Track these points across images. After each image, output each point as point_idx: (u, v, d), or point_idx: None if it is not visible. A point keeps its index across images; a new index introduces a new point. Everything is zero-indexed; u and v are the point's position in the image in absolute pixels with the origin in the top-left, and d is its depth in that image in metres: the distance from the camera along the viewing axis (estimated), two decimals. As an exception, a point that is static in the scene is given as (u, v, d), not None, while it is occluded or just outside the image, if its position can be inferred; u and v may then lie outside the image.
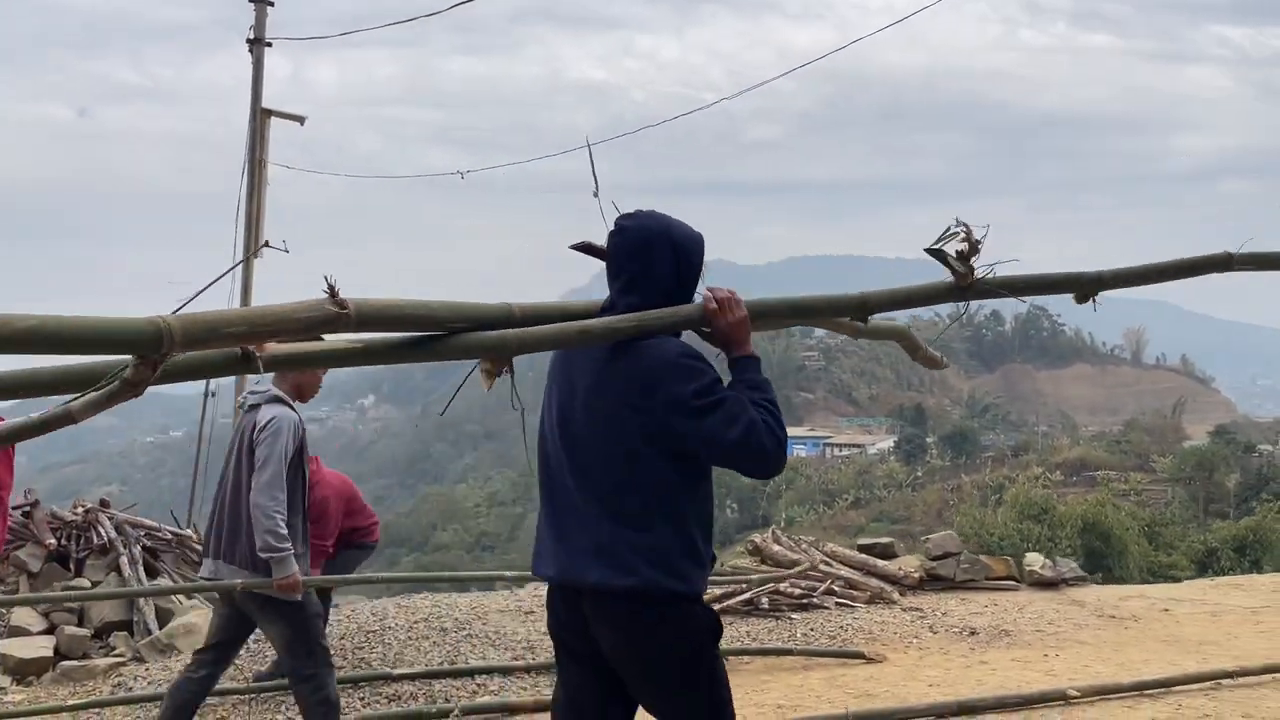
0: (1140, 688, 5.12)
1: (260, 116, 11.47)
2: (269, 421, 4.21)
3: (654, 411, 2.48)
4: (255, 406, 4.31)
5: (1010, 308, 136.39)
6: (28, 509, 7.80)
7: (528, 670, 5.87)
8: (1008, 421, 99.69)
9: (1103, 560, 27.90)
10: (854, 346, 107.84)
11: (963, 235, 2.84)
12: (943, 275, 3.01)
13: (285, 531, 4.14)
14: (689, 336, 2.69)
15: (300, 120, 11.84)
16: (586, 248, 2.70)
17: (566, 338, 2.50)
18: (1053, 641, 6.33)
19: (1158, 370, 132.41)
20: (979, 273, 2.87)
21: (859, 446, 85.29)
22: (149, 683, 5.98)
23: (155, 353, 1.94)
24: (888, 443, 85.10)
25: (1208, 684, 5.22)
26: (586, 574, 2.52)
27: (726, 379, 2.61)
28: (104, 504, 8.45)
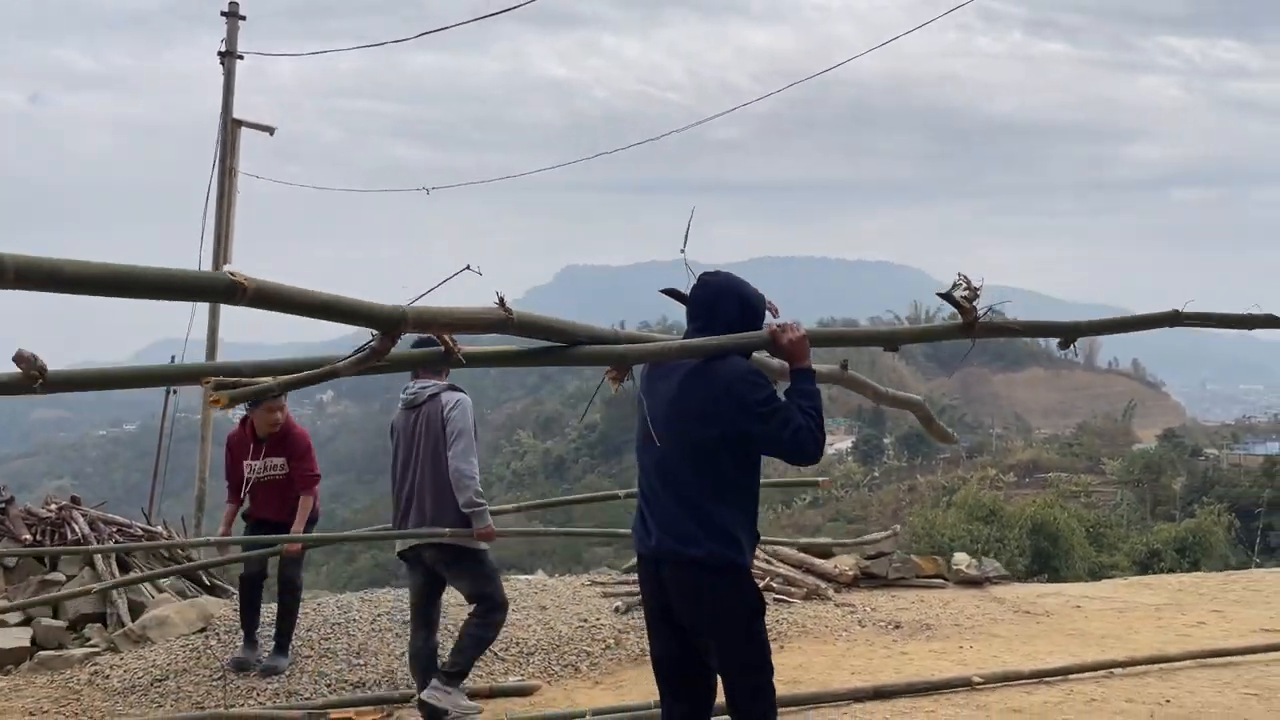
0: (1039, 675, 5.66)
1: (230, 127, 11.79)
2: (456, 402, 5.13)
3: (727, 415, 3.21)
4: (435, 395, 5.17)
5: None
6: (3, 505, 8.10)
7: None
8: (963, 423, 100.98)
9: (1050, 560, 28.74)
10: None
11: (964, 286, 3.65)
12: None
13: (482, 489, 5.06)
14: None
15: (270, 130, 12.17)
16: (673, 293, 3.53)
17: (669, 352, 3.33)
18: (969, 635, 6.87)
19: (1110, 374, 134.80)
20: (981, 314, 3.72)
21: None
22: (125, 671, 6.34)
23: (394, 329, 2.73)
24: (846, 443, 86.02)
25: (1100, 672, 5.78)
26: (664, 547, 3.28)
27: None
28: (75, 501, 8.76)
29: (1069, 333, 3.94)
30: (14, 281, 2.22)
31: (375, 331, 2.70)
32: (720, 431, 3.22)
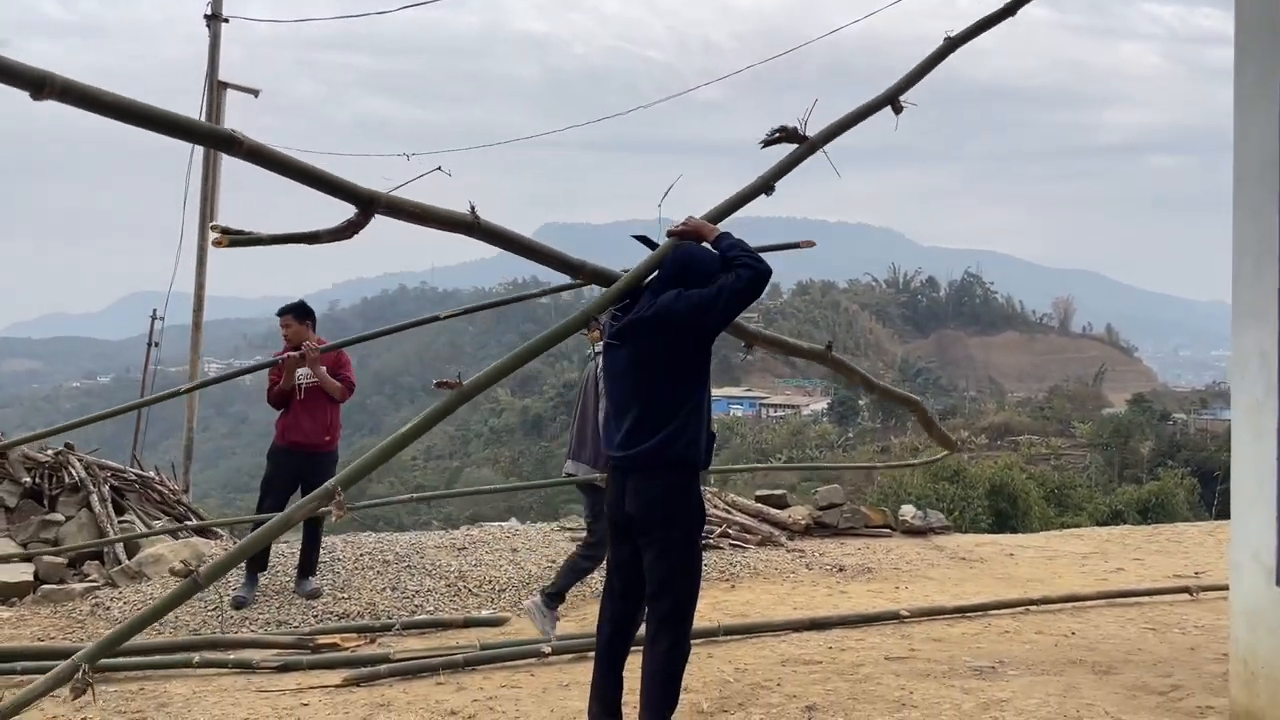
0: (961, 610, 6.26)
1: (216, 89, 12.10)
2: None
3: (679, 329, 3.75)
4: (595, 356, 5.81)
5: (945, 275, 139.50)
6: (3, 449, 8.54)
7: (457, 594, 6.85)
8: (938, 386, 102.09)
9: (1009, 521, 29.54)
10: (792, 309, 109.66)
11: (780, 132, 4.26)
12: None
13: None
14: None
15: (255, 93, 12.49)
16: (645, 240, 4.12)
17: (608, 298, 4.00)
18: (906, 577, 7.46)
19: (1084, 339, 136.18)
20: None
21: (794, 407, 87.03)
22: (124, 603, 6.83)
23: (368, 207, 3.28)
24: (822, 404, 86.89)
25: (1018, 609, 6.38)
26: (631, 450, 3.82)
27: None
28: (69, 447, 9.21)
29: (891, 101, 4.54)
30: (59, 95, 2.79)
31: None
32: (677, 345, 3.78)
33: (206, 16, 12.34)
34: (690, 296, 3.77)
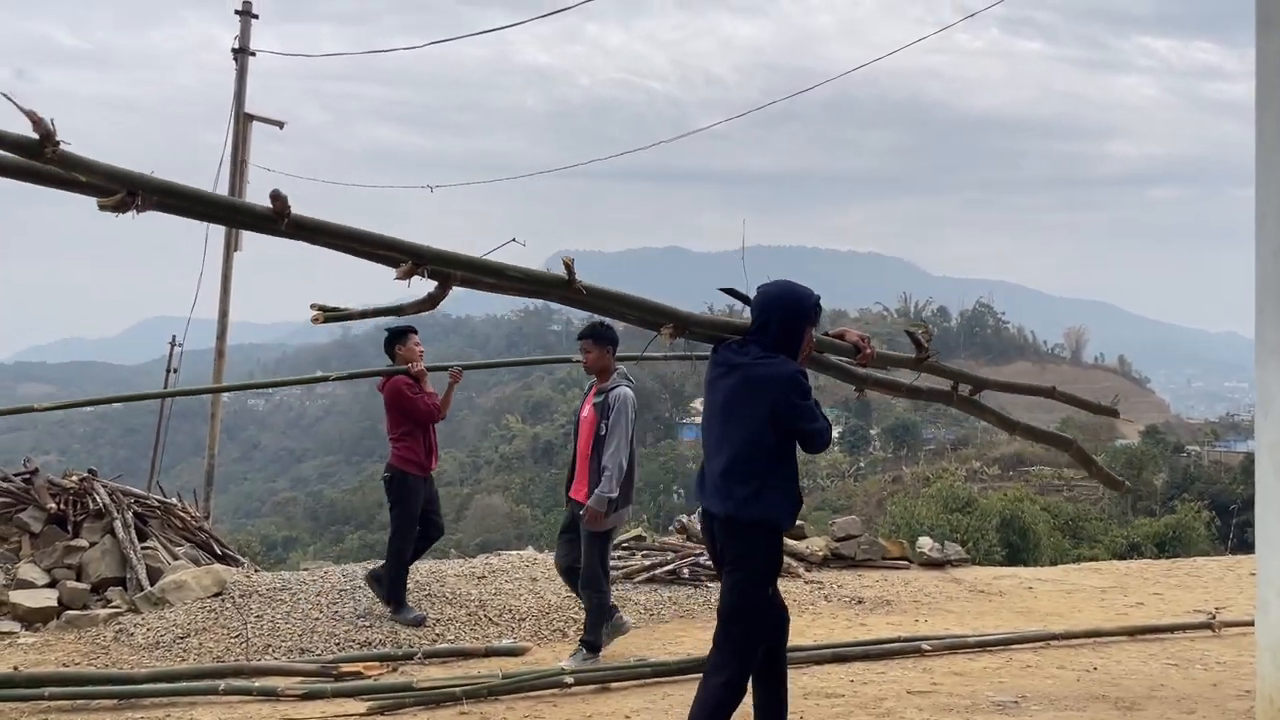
0: (983, 644, 6.26)
1: (243, 121, 12.26)
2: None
3: (774, 405, 3.93)
4: None
5: (956, 304, 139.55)
6: (28, 475, 8.63)
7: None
8: (950, 415, 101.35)
9: (1019, 554, 29.41)
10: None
11: (923, 329, 4.79)
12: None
13: None
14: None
15: (280, 125, 12.65)
16: (731, 291, 4.43)
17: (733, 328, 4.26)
18: (925, 611, 7.46)
19: (1096, 370, 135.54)
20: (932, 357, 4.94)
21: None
22: (148, 629, 6.88)
23: (447, 281, 3.70)
24: (833, 433, 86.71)
25: (1039, 644, 6.38)
26: (716, 506, 4.05)
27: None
28: (92, 473, 9.29)
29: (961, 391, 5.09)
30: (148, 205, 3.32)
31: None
32: (767, 417, 3.94)
33: (234, 50, 12.50)
34: (797, 397, 3.93)
